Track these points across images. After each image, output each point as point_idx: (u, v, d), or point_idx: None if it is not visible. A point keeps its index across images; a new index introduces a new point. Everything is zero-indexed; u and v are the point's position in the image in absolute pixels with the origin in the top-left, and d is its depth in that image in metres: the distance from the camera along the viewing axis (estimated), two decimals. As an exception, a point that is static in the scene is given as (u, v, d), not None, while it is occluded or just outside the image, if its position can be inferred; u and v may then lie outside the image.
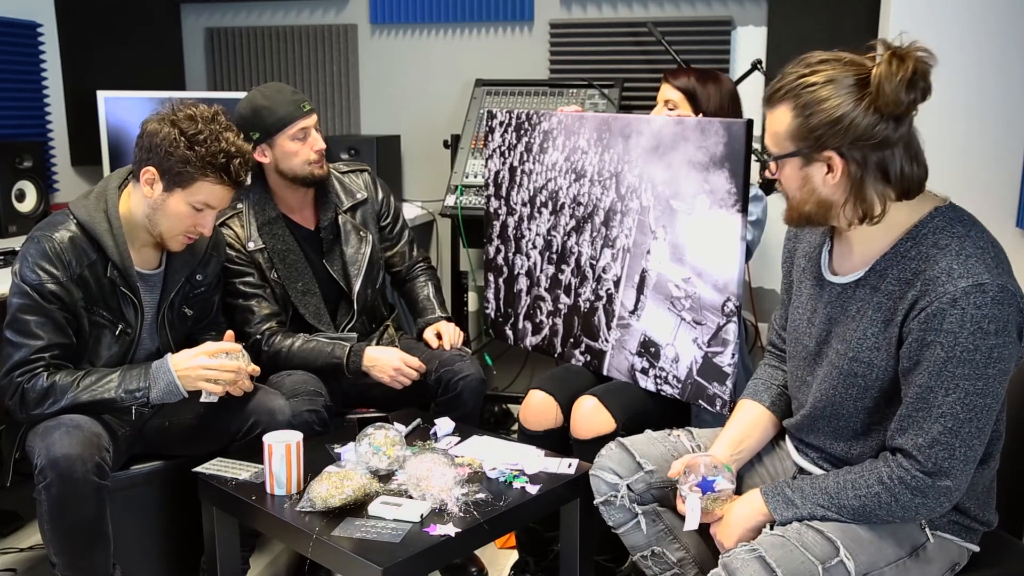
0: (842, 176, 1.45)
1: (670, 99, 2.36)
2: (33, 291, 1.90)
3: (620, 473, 1.79)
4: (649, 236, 2.08)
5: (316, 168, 2.38)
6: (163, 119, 1.93)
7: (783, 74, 1.47)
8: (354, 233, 2.48)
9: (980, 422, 1.41)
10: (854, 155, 1.43)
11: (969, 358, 1.37)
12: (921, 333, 1.40)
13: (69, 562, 1.89)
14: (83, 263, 1.95)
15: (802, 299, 1.68)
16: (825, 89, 1.41)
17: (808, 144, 1.44)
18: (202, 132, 1.91)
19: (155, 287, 2.09)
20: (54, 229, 1.95)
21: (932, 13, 2.60)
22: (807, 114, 1.42)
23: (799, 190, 1.50)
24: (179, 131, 1.90)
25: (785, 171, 1.50)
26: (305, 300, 2.41)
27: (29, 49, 3.26)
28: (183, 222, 1.98)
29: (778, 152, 1.49)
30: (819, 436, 1.64)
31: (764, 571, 1.42)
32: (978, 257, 1.39)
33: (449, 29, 3.64)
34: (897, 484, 1.45)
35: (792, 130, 1.45)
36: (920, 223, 1.47)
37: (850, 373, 1.53)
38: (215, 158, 1.91)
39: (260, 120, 2.31)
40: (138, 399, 1.95)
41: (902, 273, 1.46)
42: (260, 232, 2.37)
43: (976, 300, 1.36)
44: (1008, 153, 2.63)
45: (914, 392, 1.43)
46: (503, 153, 2.45)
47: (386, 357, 2.33)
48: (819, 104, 1.41)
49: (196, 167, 1.91)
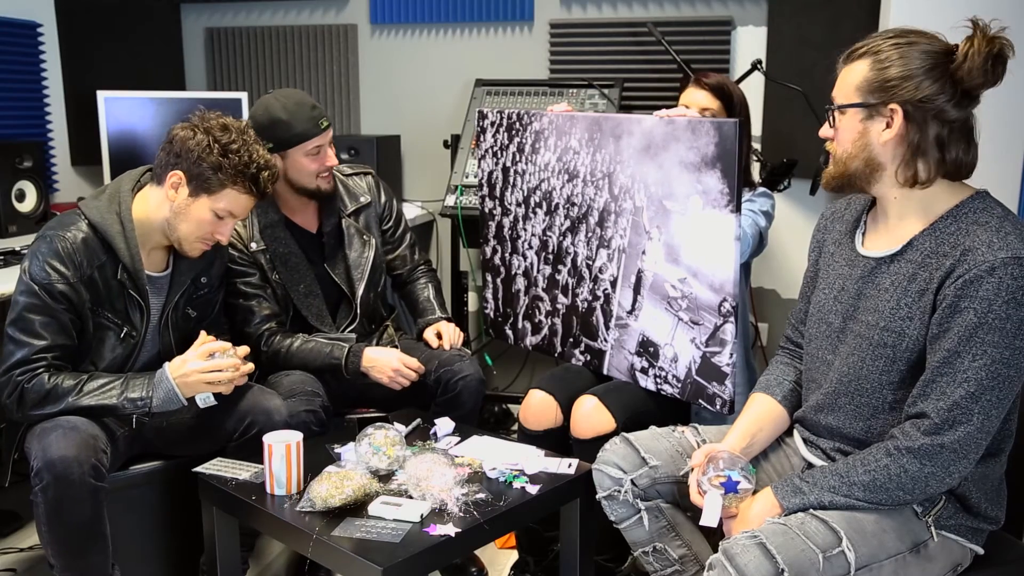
0: (898, 135, 1.50)
1: (707, 107, 2.31)
2: (42, 290, 1.91)
3: (624, 468, 1.79)
4: (644, 236, 2.08)
5: (323, 183, 2.38)
6: (195, 126, 1.97)
7: (871, 36, 1.54)
8: (357, 237, 2.48)
9: (1002, 392, 1.43)
10: (916, 117, 1.48)
11: (1000, 326, 1.41)
12: (955, 299, 1.44)
13: (67, 563, 1.89)
14: (93, 264, 1.96)
15: (829, 280, 1.70)
16: (907, 49, 1.49)
17: (876, 96, 1.50)
18: (235, 142, 1.96)
19: (162, 289, 2.10)
20: (66, 229, 1.95)
21: (932, 13, 2.59)
22: (884, 67, 1.49)
23: (852, 143, 1.55)
24: (213, 139, 1.95)
25: (844, 123, 1.55)
26: (308, 302, 2.41)
27: (29, 49, 3.26)
28: (203, 228, 2.00)
29: (843, 102, 1.55)
30: (838, 416, 1.64)
31: (764, 557, 1.42)
32: (1017, 235, 1.44)
33: (449, 29, 3.64)
34: (904, 454, 1.47)
35: (864, 81, 1.51)
36: (960, 204, 1.52)
37: (880, 344, 1.55)
38: (247, 168, 1.96)
39: (276, 133, 2.28)
40: (139, 408, 1.95)
41: (940, 246, 1.50)
42: (262, 234, 2.37)
43: (1013, 271, 1.40)
44: (1008, 153, 2.63)
45: (940, 357, 1.45)
46: (495, 153, 2.45)
47: (385, 358, 2.32)
48: (898, 59, 1.48)
49: (228, 175, 1.95)
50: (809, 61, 2.24)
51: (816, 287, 1.75)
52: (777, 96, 3.10)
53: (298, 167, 2.33)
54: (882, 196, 1.59)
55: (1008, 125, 2.64)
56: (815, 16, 2.99)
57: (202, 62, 3.95)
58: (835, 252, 1.72)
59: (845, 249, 1.69)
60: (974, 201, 1.52)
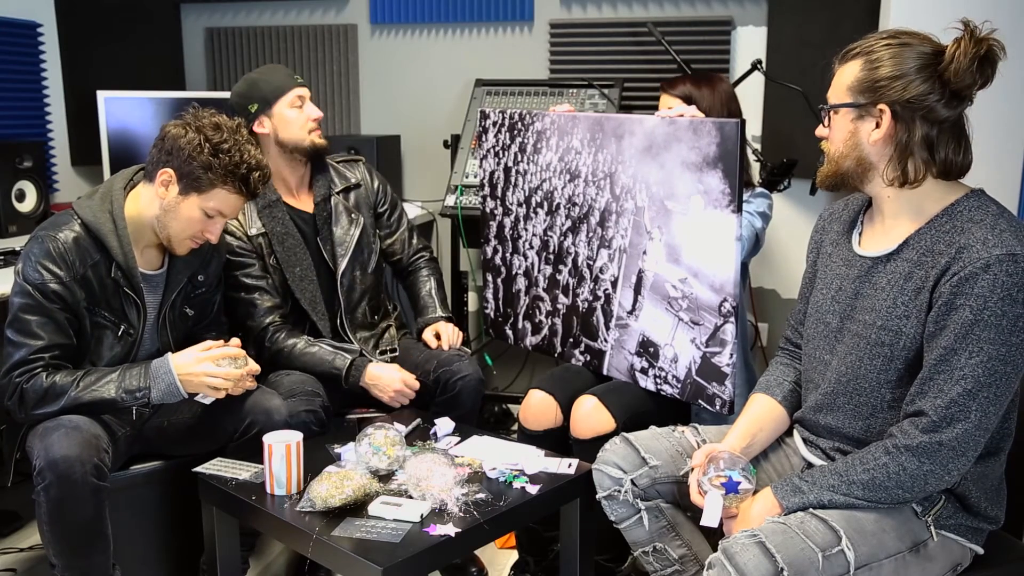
0: (887, 134, 1.51)
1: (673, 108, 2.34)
2: (36, 291, 1.91)
3: (624, 468, 1.79)
4: (645, 237, 2.08)
5: (316, 136, 2.42)
6: (187, 124, 1.96)
7: (866, 37, 1.55)
8: (345, 214, 2.49)
9: (999, 388, 1.44)
10: (904, 116, 1.49)
11: (996, 323, 1.41)
12: (951, 297, 1.44)
13: (68, 563, 1.89)
14: (87, 263, 1.95)
15: (827, 280, 1.71)
16: (899, 50, 1.50)
17: (866, 96, 1.51)
18: (227, 141, 1.95)
19: (158, 288, 2.09)
20: (58, 229, 1.95)
21: (932, 14, 2.59)
22: (875, 67, 1.50)
23: (844, 143, 1.56)
24: (204, 137, 1.94)
25: (836, 122, 1.57)
26: (302, 286, 2.41)
27: (29, 49, 3.26)
28: (193, 227, 2.00)
29: (835, 102, 1.57)
30: (837, 415, 1.65)
31: (763, 556, 1.42)
32: (1012, 232, 1.44)
33: (449, 29, 3.64)
34: (903, 452, 1.47)
35: (856, 81, 1.53)
36: (955, 203, 1.53)
37: (877, 343, 1.56)
38: (237, 168, 1.95)
39: (257, 90, 2.37)
40: (138, 399, 1.95)
41: (936, 244, 1.51)
42: (260, 215, 2.38)
43: (1008, 268, 1.41)
44: (1008, 153, 2.63)
45: (937, 354, 1.46)
46: (497, 153, 2.45)
47: (388, 377, 2.32)
48: (889, 60, 1.49)
49: (218, 174, 1.94)
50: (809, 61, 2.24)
51: (814, 288, 1.76)
52: (777, 96, 3.10)
53: (286, 121, 2.38)
54: (876, 195, 1.60)
55: (1007, 125, 2.64)
56: (815, 16, 2.99)
57: (202, 62, 3.95)
58: (832, 252, 1.72)
59: (842, 249, 1.70)
60: (969, 200, 1.52)
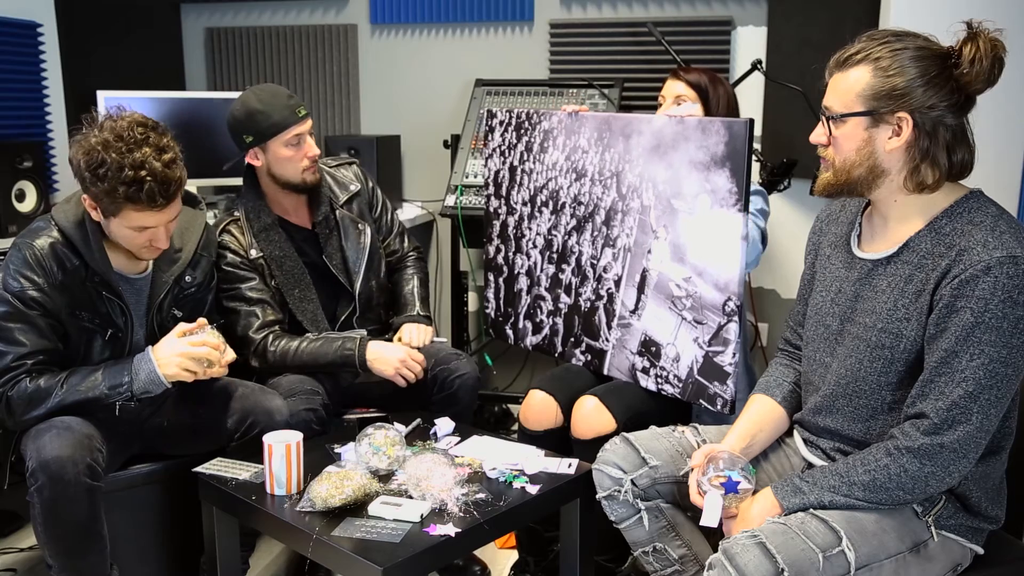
0: (906, 142, 1.49)
1: (681, 95, 2.34)
2: (15, 299, 1.90)
3: (624, 468, 1.79)
4: (650, 235, 2.08)
5: (309, 175, 2.37)
6: (79, 146, 1.87)
7: (860, 41, 1.52)
8: (352, 227, 2.48)
9: (1000, 391, 1.44)
10: (926, 123, 1.48)
11: (997, 325, 1.41)
12: (952, 299, 1.44)
13: (65, 563, 1.89)
14: (65, 268, 1.95)
15: (826, 282, 1.70)
16: (908, 54, 1.47)
17: (883, 104, 1.48)
18: (104, 163, 1.82)
19: (142, 291, 2.08)
20: (35, 236, 1.95)
21: (932, 14, 2.59)
22: (890, 74, 1.47)
23: (856, 151, 1.53)
24: (86, 164, 1.85)
25: (844, 131, 1.53)
26: (302, 307, 2.40)
27: (29, 49, 3.26)
28: (135, 240, 1.96)
29: (845, 111, 1.52)
30: (837, 418, 1.65)
31: (764, 557, 1.42)
32: (1012, 233, 1.44)
33: (449, 29, 3.64)
34: (904, 453, 1.47)
35: (868, 89, 1.49)
36: (955, 204, 1.52)
37: (877, 345, 1.55)
38: (127, 188, 1.83)
39: (254, 124, 2.29)
40: (121, 393, 1.94)
41: (936, 247, 1.50)
42: (257, 239, 2.37)
43: (1009, 270, 1.40)
44: (1008, 153, 2.63)
45: (938, 357, 1.46)
46: (503, 152, 2.45)
47: (390, 350, 2.31)
48: (905, 66, 1.47)
49: (112, 199, 1.86)
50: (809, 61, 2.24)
51: (813, 290, 1.75)
52: (777, 96, 3.10)
53: (280, 159, 2.32)
54: (882, 200, 1.58)
55: (1008, 125, 2.64)
56: (815, 16, 2.99)
57: (202, 62, 3.95)
58: (831, 254, 1.72)
59: (841, 251, 1.69)
60: (968, 201, 1.52)
